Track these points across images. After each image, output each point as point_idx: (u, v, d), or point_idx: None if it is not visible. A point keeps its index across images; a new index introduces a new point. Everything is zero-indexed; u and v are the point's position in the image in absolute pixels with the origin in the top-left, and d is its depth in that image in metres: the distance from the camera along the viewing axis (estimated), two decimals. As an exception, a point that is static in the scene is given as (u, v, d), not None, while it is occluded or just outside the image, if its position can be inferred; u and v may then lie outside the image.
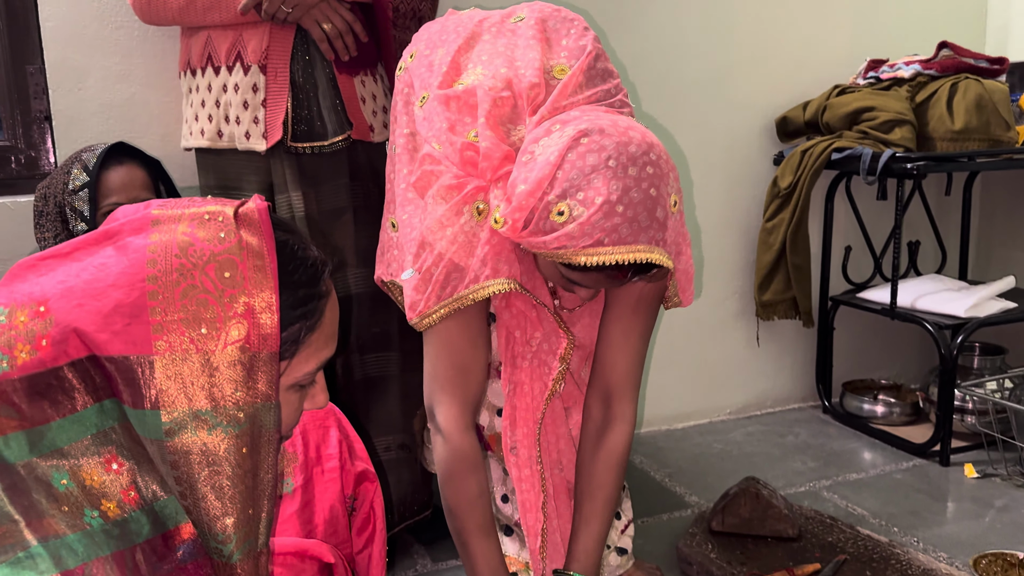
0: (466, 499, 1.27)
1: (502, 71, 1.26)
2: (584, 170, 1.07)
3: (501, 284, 1.19)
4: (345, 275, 1.68)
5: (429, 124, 1.28)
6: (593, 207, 1.05)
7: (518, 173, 1.13)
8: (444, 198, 1.21)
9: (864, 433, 2.39)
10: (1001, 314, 2.16)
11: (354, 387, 1.69)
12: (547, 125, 1.17)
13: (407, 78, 1.44)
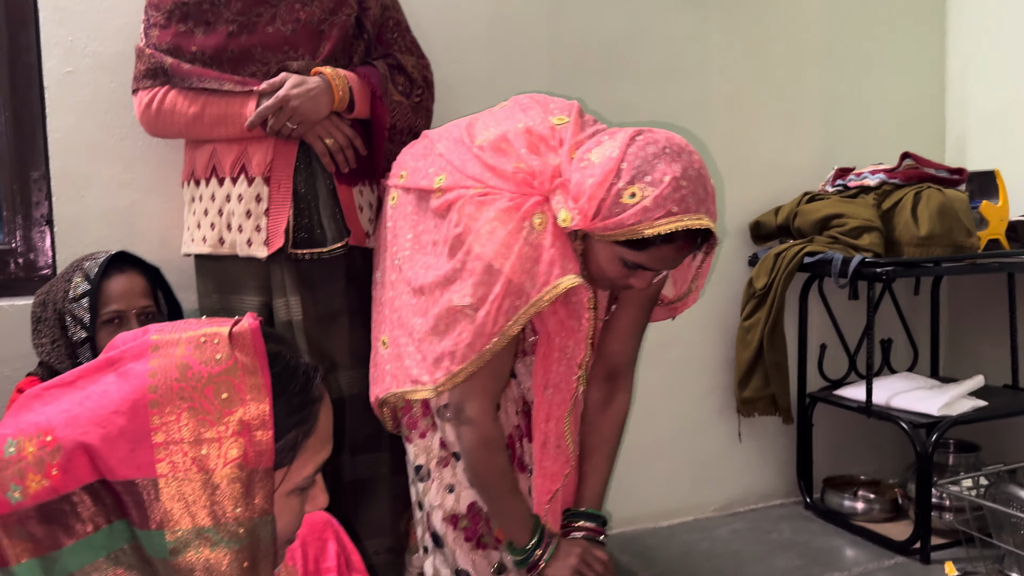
0: (498, 472, 1.47)
1: (518, 125, 1.45)
2: (647, 158, 1.26)
3: (571, 280, 1.32)
4: (338, 377, 1.71)
5: (466, 177, 1.43)
6: (663, 184, 1.25)
7: (581, 175, 1.30)
8: (503, 221, 1.34)
9: (846, 530, 2.41)
10: (973, 412, 2.23)
11: (344, 489, 1.71)
12: (590, 141, 1.36)
13: (405, 192, 1.58)
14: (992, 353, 2.61)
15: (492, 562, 1.58)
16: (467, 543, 1.57)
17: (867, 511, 2.45)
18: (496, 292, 1.33)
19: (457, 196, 1.43)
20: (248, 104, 1.64)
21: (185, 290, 1.84)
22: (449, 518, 1.57)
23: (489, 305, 1.33)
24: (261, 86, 1.62)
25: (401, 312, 1.55)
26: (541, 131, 1.45)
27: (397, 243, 1.58)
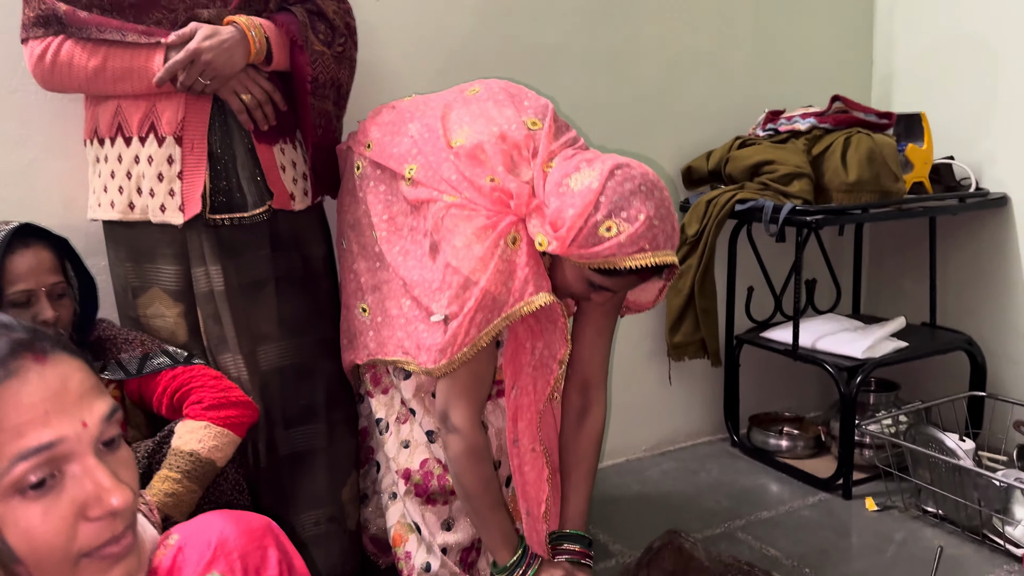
0: (482, 482, 1.47)
1: (493, 129, 1.47)
2: (624, 194, 1.31)
3: (544, 297, 1.38)
4: (266, 349, 1.64)
5: (440, 180, 1.45)
6: (638, 222, 1.30)
7: (560, 202, 1.34)
8: (480, 238, 1.37)
9: (771, 467, 2.51)
10: (894, 354, 2.31)
11: (280, 463, 1.65)
12: (568, 164, 1.39)
13: (373, 166, 1.59)
14: (912, 291, 2.70)
15: (441, 517, 1.62)
16: (417, 498, 1.61)
17: (791, 448, 2.54)
18: (470, 306, 1.36)
19: (431, 197, 1.46)
20: (155, 57, 1.50)
21: (95, 255, 1.72)
22: (403, 472, 1.61)
23: (462, 318, 1.37)
24: (169, 38, 1.49)
25: (388, 287, 1.57)
26: (516, 138, 1.47)
27: (371, 218, 1.59)
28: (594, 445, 1.62)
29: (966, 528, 2.05)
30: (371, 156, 1.60)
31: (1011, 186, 2.43)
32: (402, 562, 1.66)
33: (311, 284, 1.71)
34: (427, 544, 1.63)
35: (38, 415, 0.66)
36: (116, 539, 0.69)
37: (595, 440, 1.62)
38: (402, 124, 1.59)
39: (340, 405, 1.73)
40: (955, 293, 2.59)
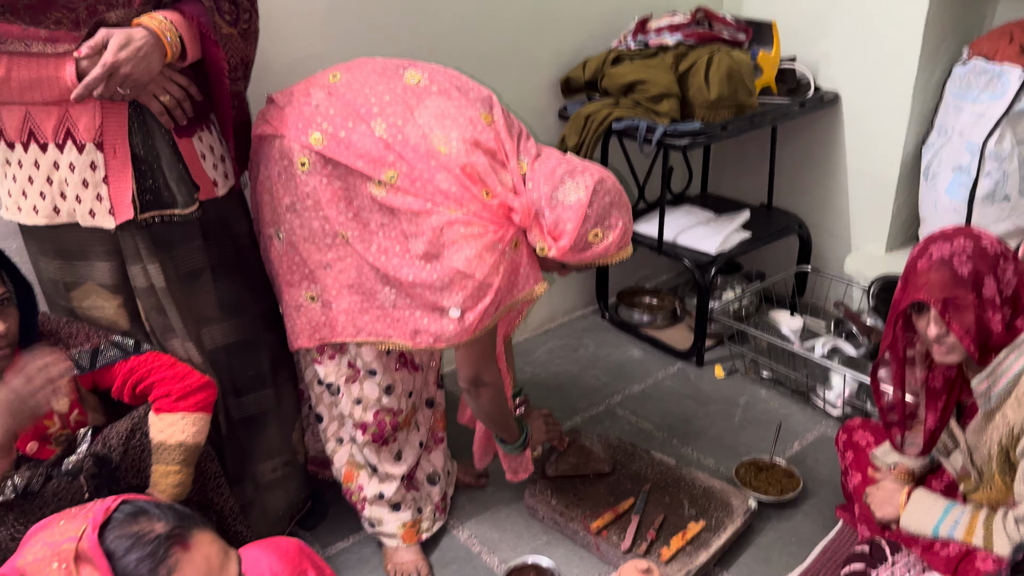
0: (504, 408, 1.87)
1: (466, 135, 1.60)
2: (606, 207, 1.61)
3: (541, 287, 1.68)
4: (211, 330, 1.75)
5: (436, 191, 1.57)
6: (617, 229, 1.63)
7: (557, 215, 1.60)
8: (490, 251, 1.57)
9: (636, 338, 2.92)
10: (739, 245, 2.69)
11: (236, 426, 1.82)
12: (549, 174, 1.61)
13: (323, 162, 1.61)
14: (753, 175, 3.06)
15: (392, 453, 1.92)
16: (374, 444, 1.88)
17: (652, 321, 2.96)
18: (485, 303, 1.59)
19: (423, 209, 1.56)
20: (64, 67, 1.45)
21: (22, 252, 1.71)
22: (359, 425, 1.85)
23: (476, 312, 1.60)
24: (81, 51, 1.43)
25: (355, 280, 1.69)
26: (488, 143, 1.62)
27: (327, 212, 1.64)
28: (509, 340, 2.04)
29: (794, 391, 2.56)
30: (324, 152, 1.60)
31: (843, 85, 2.76)
32: (355, 495, 1.94)
33: (243, 263, 1.79)
34: (379, 476, 1.91)
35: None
36: None
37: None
38: (358, 119, 1.60)
39: (283, 368, 1.89)
40: (789, 177, 2.98)
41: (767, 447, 2.29)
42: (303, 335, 1.78)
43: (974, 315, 1.43)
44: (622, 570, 1.71)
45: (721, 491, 2.09)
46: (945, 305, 1.44)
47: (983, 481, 1.63)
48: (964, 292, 1.43)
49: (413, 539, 1.96)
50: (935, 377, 1.62)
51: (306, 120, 1.63)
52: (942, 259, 1.45)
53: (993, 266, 1.44)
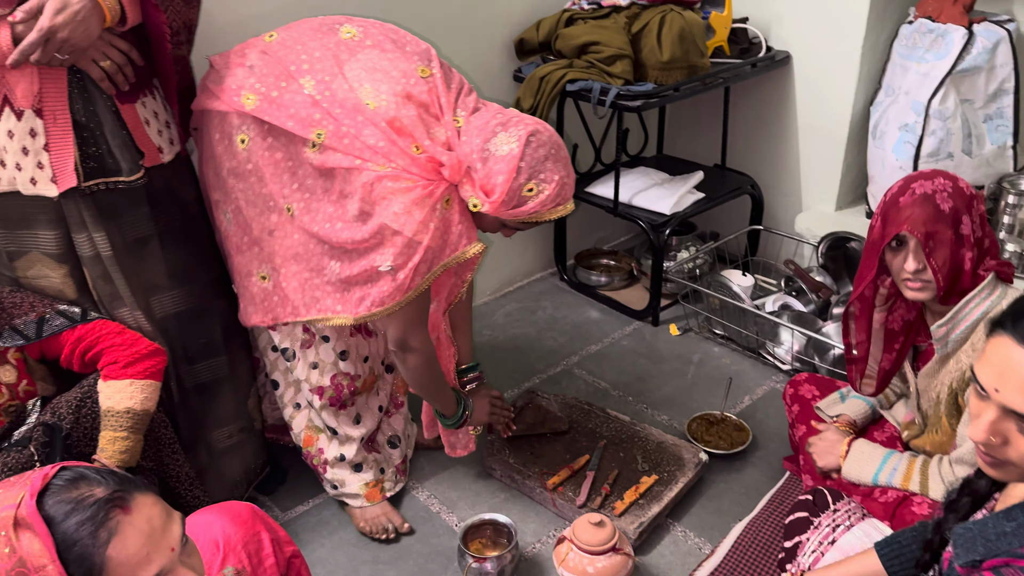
0: (435, 377, 1.83)
1: (397, 88, 1.57)
2: (540, 159, 1.55)
3: (476, 247, 1.63)
4: (161, 299, 1.74)
5: (364, 147, 1.55)
6: (553, 183, 1.57)
7: (487, 170, 1.55)
8: (419, 206, 1.54)
9: (594, 299, 2.95)
10: (693, 206, 2.72)
11: (188, 394, 1.82)
12: (483, 126, 1.57)
13: (261, 130, 1.60)
14: (707, 135, 3.08)
15: (351, 416, 1.94)
16: (332, 407, 1.90)
17: (609, 282, 2.99)
18: (415, 260, 1.56)
19: (352, 166, 1.54)
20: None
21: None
22: (316, 389, 1.87)
23: (408, 270, 1.57)
24: (16, 16, 1.40)
25: (301, 252, 1.68)
26: (420, 96, 1.58)
27: (272, 187, 1.64)
28: (470, 299, 2.06)
29: (745, 348, 2.62)
30: (256, 113, 1.59)
31: (794, 45, 2.78)
32: (315, 458, 1.96)
33: (192, 230, 1.78)
34: (339, 439, 1.93)
35: (142, 558, 0.85)
36: None
37: (470, 295, 2.03)
38: (289, 79, 1.59)
39: (236, 335, 1.89)
40: (741, 138, 3.01)
41: (719, 403, 2.35)
42: (257, 313, 1.79)
43: (950, 251, 1.47)
44: (576, 524, 1.76)
45: (673, 446, 2.14)
46: (927, 238, 1.47)
47: (927, 426, 1.69)
48: (944, 228, 1.47)
49: (377, 497, 1.99)
50: (894, 319, 1.67)
51: (239, 82, 1.62)
52: (925, 195, 1.48)
53: (969, 205, 1.48)
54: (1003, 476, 1.05)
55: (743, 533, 1.88)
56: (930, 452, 1.70)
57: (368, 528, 1.97)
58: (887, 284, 1.64)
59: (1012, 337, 0.97)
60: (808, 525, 1.61)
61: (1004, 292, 1.51)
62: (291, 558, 1.28)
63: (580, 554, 1.72)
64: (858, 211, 2.85)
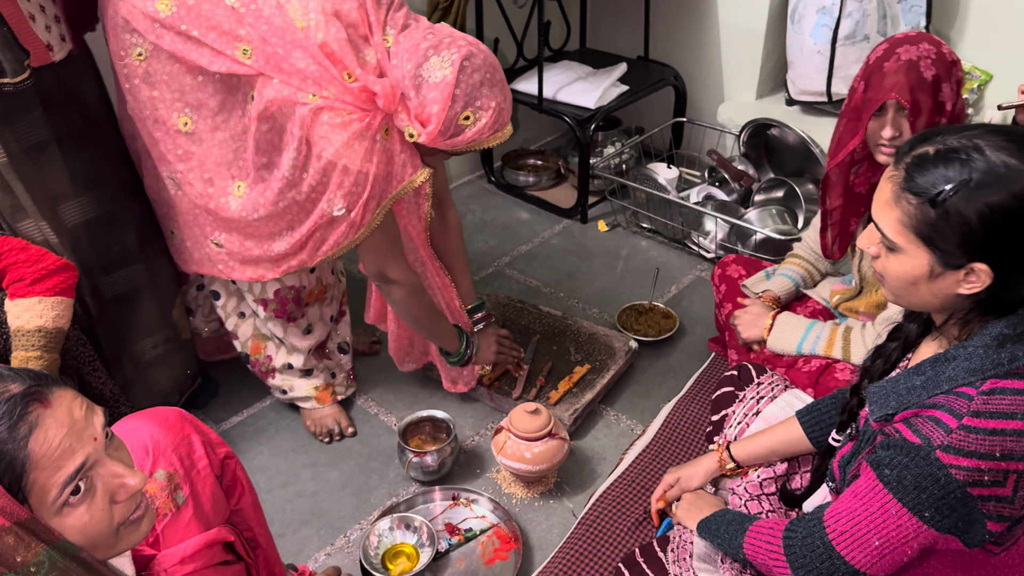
0: (426, 308, 1.79)
1: (325, 5, 1.45)
2: (475, 85, 1.47)
3: (422, 175, 1.57)
4: (67, 207, 1.66)
5: (294, 71, 1.45)
6: (490, 110, 1.49)
7: (423, 95, 1.46)
8: (359, 138, 1.47)
9: (522, 200, 2.94)
10: (617, 99, 2.71)
11: (107, 305, 1.76)
12: (414, 48, 1.47)
13: (174, 34, 1.46)
14: (629, 28, 3.04)
15: (301, 328, 1.91)
16: (278, 319, 1.86)
17: (537, 182, 2.98)
18: (364, 195, 1.51)
19: (283, 99, 1.45)
20: None
21: None
22: (259, 301, 1.84)
23: (359, 207, 1.52)
24: None
25: (239, 225, 1.63)
26: (350, 15, 1.47)
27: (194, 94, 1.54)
28: (459, 238, 1.97)
29: (671, 239, 2.66)
30: (169, 21, 1.45)
31: (711, -69, 2.74)
32: (263, 365, 1.94)
33: (94, 133, 1.68)
34: (287, 347, 1.91)
35: (65, 449, 0.82)
36: (139, 505, 0.91)
37: (459, 233, 1.96)
38: None
39: (152, 240, 1.81)
40: (663, 29, 2.97)
41: (647, 293, 2.39)
42: (203, 264, 1.76)
43: (928, 120, 1.49)
44: (512, 414, 1.80)
45: (604, 336, 2.18)
46: (912, 106, 1.48)
47: (865, 288, 1.75)
48: (926, 96, 1.47)
49: (328, 399, 1.99)
50: (860, 182, 1.68)
51: None
52: (910, 61, 1.47)
53: (949, 73, 1.48)
54: (884, 293, 1.14)
55: (671, 412, 1.94)
56: (862, 313, 1.76)
57: (315, 428, 1.98)
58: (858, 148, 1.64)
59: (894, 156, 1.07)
60: (734, 399, 1.68)
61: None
62: (224, 459, 1.26)
63: (517, 441, 1.76)
64: (778, 99, 2.87)
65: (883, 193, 1.07)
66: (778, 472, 1.54)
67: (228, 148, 1.57)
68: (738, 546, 1.32)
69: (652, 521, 1.64)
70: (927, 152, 1.03)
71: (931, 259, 1.03)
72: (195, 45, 1.47)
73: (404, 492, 1.84)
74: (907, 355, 1.24)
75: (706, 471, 1.57)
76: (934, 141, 1.04)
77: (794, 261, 1.97)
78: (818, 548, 1.15)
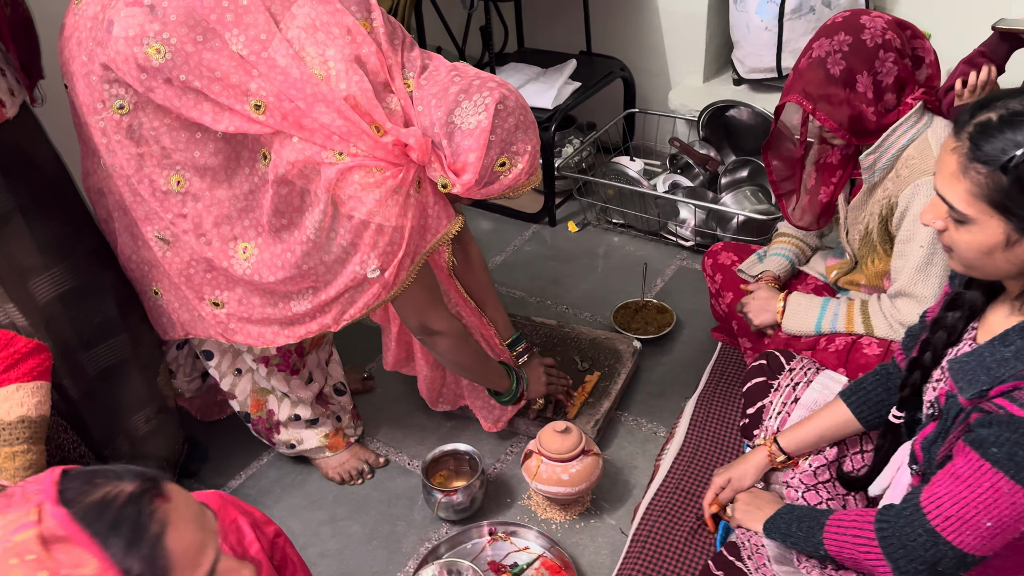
0: (473, 353, 1.70)
1: (345, 51, 1.32)
2: (510, 130, 1.36)
3: (458, 223, 1.48)
4: (38, 283, 1.49)
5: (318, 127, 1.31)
6: (526, 155, 1.40)
7: (456, 144, 1.36)
8: (395, 194, 1.35)
9: (486, 210, 2.85)
10: (573, 96, 2.65)
11: (92, 384, 1.60)
12: (441, 93, 1.35)
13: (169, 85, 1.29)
14: (568, 23, 2.99)
15: (303, 379, 1.79)
16: (281, 373, 1.75)
17: (497, 188, 2.89)
18: (400, 254, 1.40)
19: (306, 160, 1.31)
20: None
21: None
22: (261, 359, 1.72)
23: (393, 266, 1.41)
24: None
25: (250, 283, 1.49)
26: (371, 61, 1.34)
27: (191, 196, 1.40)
28: (485, 272, 1.87)
29: (646, 232, 2.62)
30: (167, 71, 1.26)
31: (642, -83, 2.72)
32: (266, 422, 1.81)
33: (57, 194, 1.52)
34: (291, 400, 1.78)
35: (198, 544, 0.76)
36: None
37: (484, 268, 1.87)
38: (209, 34, 1.26)
39: (133, 305, 1.65)
40: (603, 21, 2.93)
41: (635, 289, 2.34)
42: (193, 326, 1.61)
43: (848, 110, 1.49)
44: (541, 435, 1.71)
45: (606, 339, 2.12)
46: (816, 104, 1.50)
47: (859, 260, 1.74)
48: (836, 90, 1.49)
49: (342, 444, 1.88)
50: (832, 154, 1.69)
51: (139, 25, 1.26)
52: (819, 58, 1.50)
53: (869, 60, 1.48)
54: (953, 265, 1.12)
55: (696, 410, 1.90)
56: (864, 285, 1.75)
57: (339, 475, 1.87)
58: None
59: (952, 128, 1.04)
60: (768, 389, 1.64)
61: (930, 121, 1.54)
62: (274, 538, 1.15)
63: (551, 464, 1.68)
64: (725, 79, 2.88)
65: (947, 166, 1.04)
66: (829, 458, 1.50)
67: (231, 208, 1.41)
68: (817, 543, 1.27)
69: (708, 527, 1.58)
70: (990, 119, 1.01)
71: (1006, 227, 1.01)
72: (195, 99, 1.29)
73: (436, 535, 1.74)
74: (971, 325, 1.21)
75: (757, 467, 1.53)
76: (994, 107, 1.01)
77: (783, 239, 1.96)
78: (920, 536, 1.11)
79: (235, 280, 1.48)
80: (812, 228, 1.79)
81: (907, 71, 1.52)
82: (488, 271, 1.89)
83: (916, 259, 1.55)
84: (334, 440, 1.85)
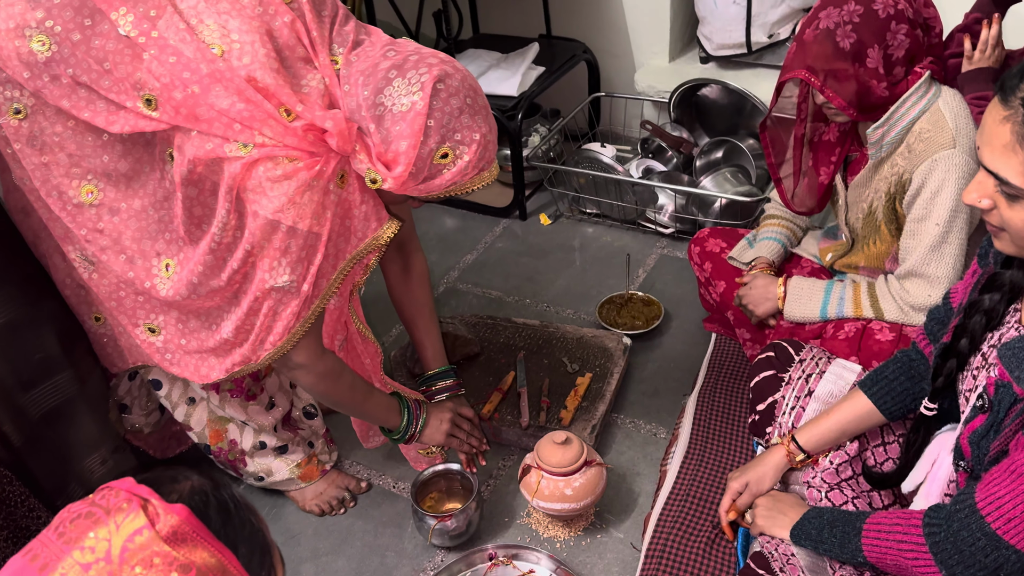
0: (348, 389, 1.44)
1: (253, 23, 1.14)
2: (452, 113, 1.15)
3: (390, 229, 1.28)
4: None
5: (214, 114, 1.12)
6: (473, 144, 1.17)
7: (386, 129, 1.14)
8: (309, 189, 1.15)
9: (453, 206, 2.70)
10: (538, 81, 2.52)
11: (37, 427, 1.42)
12: (371, 71, 1.15)
13: (58, 83, 1.12)
14: (523, 6, 2.85)
15: (263, 404, 1.61)
16: (235, 399, 1.57)
17: (462, 183, 2.75)
18: (317, 260, 1.20)
19: (207, 155, 1.12)
20: None
21: None
22: (211, 388, 1.54)
23: (311, 276, 1.22)
24: None
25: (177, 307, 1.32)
26: (284, 35, 1.16)
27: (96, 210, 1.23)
28: (426, 288, 1.64)
29: (622, 221, 2.51)
30: (54, 67, 1.11)
31: None
32: (229, 453, 1.63)
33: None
34: (253, 428, 1.61)
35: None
36: None
37: (425, 284, 1.64)
38: (97, 16, 1.11)
39: (76, 337, 1.47)
40: (563, 1, 2.80)
41: (616, 282, 2.23)
42: (133, 354, 1.46)
43: (856, 86, 1.40)
44: (539, 448, 1.59)
45: (593, 338, 2.00)
46: (825, 79, 1.40)
47: (857, 241, 1.65)
48: (845, 64, 1.39)
49: (316, 473, 1.70)
50: (830, 131, 1.60)
51: (18, 16, 1.11)
52: (827, 30, 1.39)
53: (881, 32, 1.38)
54: (1002, 247, 1.03)
55: (698, 408, 1.79)
56: (863, 268, 1.66)
57: (318, 507, 1.70)
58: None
59: (997, 95, 0.95)
60: (779, 382, 1.53)
61: (939, 91, 1.45)
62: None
63: (553, 479, 1.55)
64: (692, 57, 2.78)
65: (998, 137, 0.94)
66: (851, 453, 1.41)
67: (148, 219, 1.24)
68: (854, 549, 1.17)
69: (726, 536, 1.48)
70: None
71: None
72: (86, 96, 1.14)
73: (430, 564, 1.60)
74: (1013, 306, 1.12)
75: (775, 468, 1.43)
76: None
77: (773, 222, 1.86)
78: (979, 540, 1.01)
79: (164, 302, 1.30)
80: (815, 212, 1.70)
81: (918, 43, 1.42)
82: (430, 288, 1.67)
83: (930, 238, 1.45)
84: (307, 469, 1.69)
